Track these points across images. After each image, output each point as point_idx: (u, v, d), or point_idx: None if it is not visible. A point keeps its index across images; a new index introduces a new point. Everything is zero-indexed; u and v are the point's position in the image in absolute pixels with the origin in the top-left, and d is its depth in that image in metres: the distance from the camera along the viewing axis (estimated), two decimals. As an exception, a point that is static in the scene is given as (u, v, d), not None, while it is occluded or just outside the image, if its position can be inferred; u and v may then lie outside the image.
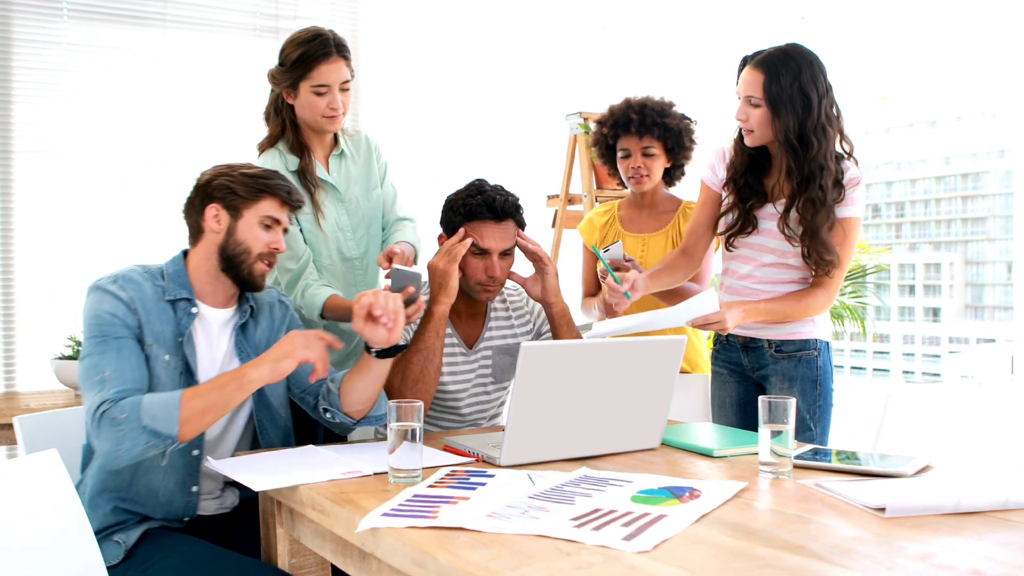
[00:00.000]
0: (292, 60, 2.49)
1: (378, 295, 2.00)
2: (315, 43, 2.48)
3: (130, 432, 1.83)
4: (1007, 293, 41.55)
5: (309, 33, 2.52)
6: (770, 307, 2.41)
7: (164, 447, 1.86)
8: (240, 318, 2.16)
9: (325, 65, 2.48)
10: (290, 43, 2.53)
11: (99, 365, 1.92)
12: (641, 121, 2.89)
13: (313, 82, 2.49)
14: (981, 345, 35.37)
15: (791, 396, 2.44)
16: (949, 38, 4.41)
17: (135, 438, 1.84)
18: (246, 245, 2.09)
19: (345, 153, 2.68)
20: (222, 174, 2.12)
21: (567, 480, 1.76)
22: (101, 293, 2.01)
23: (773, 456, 1.79)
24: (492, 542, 1.37)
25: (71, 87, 3.57)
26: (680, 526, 1.45)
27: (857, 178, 2.40)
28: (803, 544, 1.37)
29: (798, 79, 2.31)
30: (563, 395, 1.90)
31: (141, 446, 1.84)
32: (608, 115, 2.97)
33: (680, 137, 2.92)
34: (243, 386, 1.92)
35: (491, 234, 2.38)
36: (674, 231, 2.96)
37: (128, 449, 1.84)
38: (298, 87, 2.51)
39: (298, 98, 2.53)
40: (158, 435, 1.84)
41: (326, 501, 1.66)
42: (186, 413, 1.87)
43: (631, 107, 2.93)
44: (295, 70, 2.49)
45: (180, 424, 1.86)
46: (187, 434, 1.88)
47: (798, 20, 4.47)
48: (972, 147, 43.64)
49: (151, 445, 1.85)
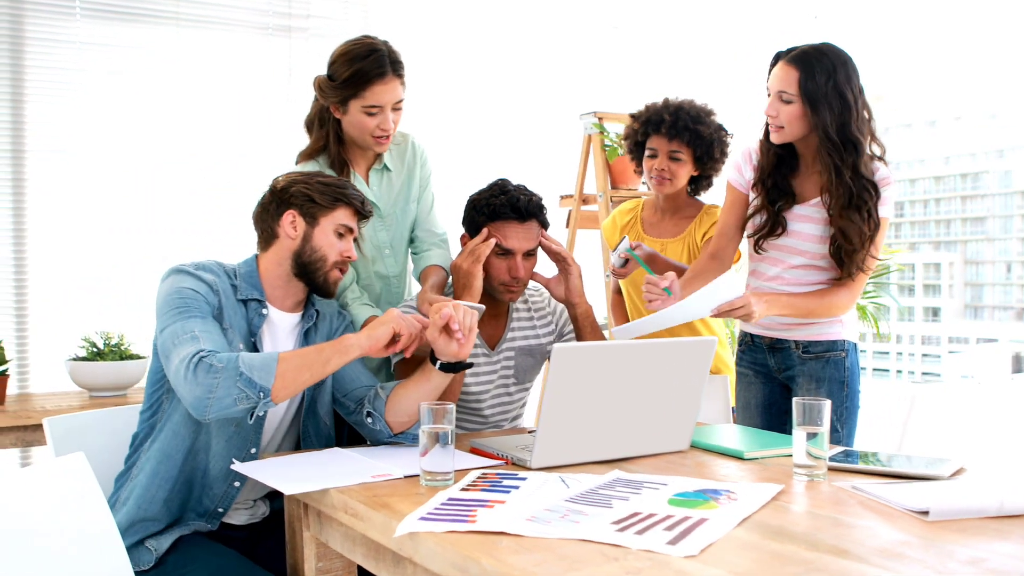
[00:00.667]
0: (344, 77, 2.32)
1: (457, 308, 1.97)
2: (370, 61, 2.32)
3: (225, 380, 1.83)
4: (1007, 293, 41.62)
5: (363, 48, 2.34)
6: (793, 301, 2.38)
7: (255, 401, 1.85)
8: (306, 323, 2.17)
9: (379, 85, 2.33)
10: (342, 56, 2.35)
11: (186, 327, 1.92)
12: (673, 123, 2.83)
13: (365, 102, 2.34)
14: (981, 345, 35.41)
15: (819, 397, 2.44)
16: (947, 38, 4.41)
17: (229, 387, 1.83)
18: (322, 253, 2.11)
19: (388, 167, 2.57)
20: (299, 181, 2.14)
21: (601, 483, 1.74)
22: (183, 274, 2.03)
23: (809, 458, 1.78)
24: (535, 547, 1.36)
25: (83, 86, 3.55)
26: (723, 530, 1.43)
27: (887, 178, 2.38)
28: (848, 548, 1.36)
29: (833, 77, 2.29)
30: (594, 397, 1.88)
31: (233, 396, 1.84)
32: (643, 112, 2.93)
33: (711, 147, 2.86)
34: (341, 350, 1.93)
35: (515, 234, 2.36)
36: (691, 237, 2.91)
37: (220, 398, 1.83)
38: (348, 104, 2.36)
39: (347, 115, 2.38)
40: (253, 385, 1.84)
41: (359, 505, 1.64)
42: (283, 367, 1.87)
43: (666, 107, 2.87)
44: (346, 88, 2.33)
45: (277, 377, 1.86)
46: (280, 391, 1.87)
47: (809, 19, 4.45)
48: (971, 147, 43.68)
49: (243, 396, 1.84)
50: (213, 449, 2.04)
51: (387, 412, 2.09)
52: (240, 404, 1.85)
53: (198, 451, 2.04)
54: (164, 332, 1.95)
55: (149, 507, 2.00)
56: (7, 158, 3.45)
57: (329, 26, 3.91)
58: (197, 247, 3.65)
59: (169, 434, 2.03)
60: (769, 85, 2.39)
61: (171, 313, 1.96)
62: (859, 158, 2.31)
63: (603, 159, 3.72)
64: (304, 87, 3.81)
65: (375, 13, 4.00)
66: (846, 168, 2.31)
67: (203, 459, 2.05)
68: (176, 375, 1.87)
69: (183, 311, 1.96)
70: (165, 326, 1.96)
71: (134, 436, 2.13)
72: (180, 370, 1.86)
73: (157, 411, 2.08)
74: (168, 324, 1.95)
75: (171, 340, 1.92)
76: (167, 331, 1.94)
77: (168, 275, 2.06)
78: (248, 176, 3.83)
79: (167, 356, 1.92)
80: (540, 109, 4.33)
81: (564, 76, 4.39)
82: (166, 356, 1.93)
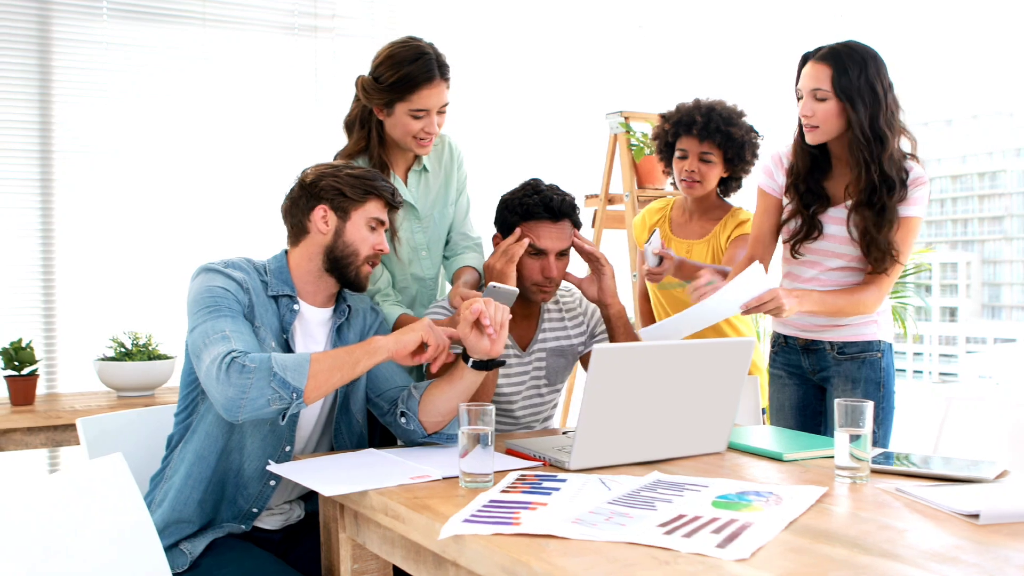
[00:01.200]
0: (391, 81, 2.31)
1: (488, 304, 1.96)
2: (418, 65, 2.31)
3: (258, 381, 1.81)
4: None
5: (411, 51, 2.33)
6: (823, 298, 2.35)
7: (288, 402, 1.84)
8: (338, 319, 2.16)
9: (427, 89, 2.32)
10: (389, 59, 2.33)
11: (216, 327, 1.91)
12: (704, 125, 2.79)
13: (412, 106, 2.33)
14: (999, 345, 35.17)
15: (854, 398, 2.41)
16: (964, 36, 4.37)
17: (262, 388, 1.81)
18: (354, 247, 2.09)
19: (427, 168, 2.55)
20: (328, 175, 2.11)
21: (642, 485, 1.72)
22: (213, 273, 2.02)
23: (852, 460, 1.75)
24: (584, 550, 1.34)
25: (110, 86, 3.56)
26: (771, 533, 1.42)
27: (921, 177, 2.36)
28: (899, 552, 1.34)
29: (865, 72, 2.28)
30: (633, 398, 1.87)
31: (267, 396, 1.82)
32: (674, 112, 2.88)
33: (742, 149, 2.82)
34: (370, 351, 1.92)
35: (548, 234, 2.35)
36: (715, 240, 2.87)
37: (253, 399, 1.82)
38: (393, 107, 2.35)
39: (391, 117, 2.37)
40: (286, 386, 1.82)
41: (400, 507, 1.63)
42: (316, 368, 1.86)
43: (698, 108, 2.83)
44: (393, 91, 2.32)
45: (309, 378, 1.84)
46: (312, 391, 1.86)
47: (834, 17, 4.42)
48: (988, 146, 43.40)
49: (276, 397, 1.83)
50: (247, 449, 2.03)
51: (421, 412, 2.08)
52: (273, 405, 1.84)
53: (231, 451, 2.04)
54: (194, 331, 1.94)
55: (184, 509, 2.00)
56: (35, 158, 3.46)
57: (355, 26, 3.90)
58: (224, 246, 3.64)
59: (202, 435, 2.02)
60: (801, 86, 2.37)
61: (201, 312, 1.95)
62: (884, 152, 2.29)
63: (629, 159, 3.70)
64: (330, 87, 3.85)
65: (401, 13, 3.99)
66: (873, 163, 2.29)
67: (237, 459, 2.04)
68: (207, 375, 1.86)
69: (213, 310, 1.95)
70: (195, 325, 1.95)
71: (169, 437, 2.13)
72: (211, 370, 1.84)
73: (192, 412, 2.07)
74: (198, 323, 1.94)
75: (201, 340, 1.91)
76: (197, 330, 1.93)
77: (198, 274, 2.05)
78: (275, 175, 3.81)
79: (197, 356, 1.91)
80: (565, 108, 4.31)
81: (589, 75, 4.37)
82: (196, 356, 1.92)
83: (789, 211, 2.48)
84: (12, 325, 3.41)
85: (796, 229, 2.45)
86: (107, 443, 2.19)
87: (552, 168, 4.06)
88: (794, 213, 2.46)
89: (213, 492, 2.03)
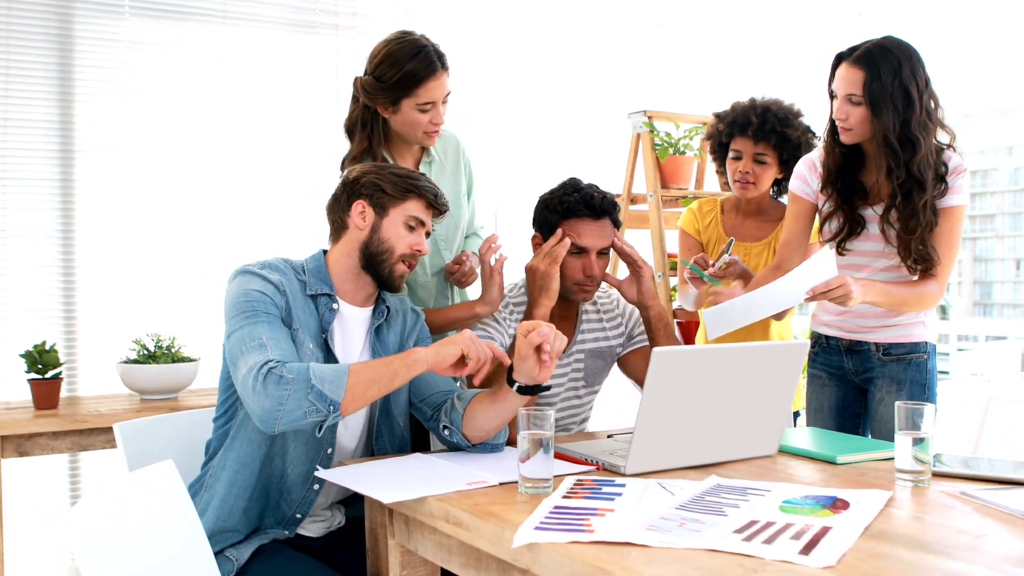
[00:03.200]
0: (395, 79, 2.30)
1: (553, 330, 1.90)
2: (419, 60, 2.30)
3: (295, 393, 1.78)
4: (1016, 290, 41.49)
5: (410, 47, 2.32)
6: (887, 289, 2.31)
7: (325, 414, 1.81)
8: (377, 319, 2.13)
9: (432, 82, 2.32)
10: (388, 58, 2.32)
11: (253, 334, 1.87)
12: (760, 126, 2.74)
13: (419, 100, 2.32)
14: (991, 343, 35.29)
15: (898, 399, 2.39)
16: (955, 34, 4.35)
17: (299, 400, 1.78)
18: (390, 244, 2.06)
19: (435, 159, 2.54)
20: (371, 171, 2.10)
21: (704, 489, 1.70)
22: (249, 276, 1.98)
23: (916, 463, 1.73)
24: (666, 557, 1.32)
25: (132, 85, 3.51)
26: (850, 539, 1.39)
27: (961, 166, 2.34)
28: (982, 558, 1.32)
29: (899, 75, 2.25)
30: (689, 400, 1.85)
31: (303, 409, 1.79)
32: (729, 112, 2.83)
33: (798, 150, 2.74)
34: (409, 364, 1.88)
35: (589, 232, 2.33)
36: (775, 242, 2.82)
37: (290, 411, 1.78)
38: (400, 104, 2.34)
39: (397, 114, 2.36)
40: (323, 399, 1.79)
41: (463, 514, 1.60)
42: (353, 380, 1.83)
43: (753, 108, 2.77)
44: (398, 89, 2.31)
45: (346, 391, 1.81)
46: (350, 404, 1.83)
47: (853, 16, 4.41)
48: (980, 144, 43.55)
49: (313, 410, 1.79)
50: (290, 454, 2.00)
51: (464, 427, 2.04)
52: (310, 417, 1.80)
53: (274, 456, 2.01)
54: (231, 337, 1.91)
55: (228, 518, 1.97)
56: (56, 158, 3.41)
57: (375, 24, 3.87)
58: (246, 245, 3.62)
59: (244, 441, 1.99)
60: (835, 87, 2.34)
61: (238, 317, 1.92)
62: (915, 156, 2.26)
63: (653, 158, 3.68)
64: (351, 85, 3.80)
65: (419, 11, 3.95)
66: (898, 169, 2.26)
67: (279, 464, 2.01)
68: (244, 385, 1.83)
69: (250, 316, 1.91)
70: (232, 331, 1.91)
71: (207, 443, 2.10)
72: (248, 380, 1.81)
73: (231, 417, 2.04)
74: (235, 329, 1.91)
75: (238, 347, 1.87)
76: (234, 336, 1.90)
77: (234, 276, 2.02)
78: (297, 174, 3.80)
79: (234, 363, 1.88)
80: (584, 108, 4.28)
81: (607, 75, 4.34)
82: (233, 363, 1.88)
83: (827, 210, 2.46)
84: (33, 327, 3.37)
85: (839, 227, 2.42)
86: (141, 448, 2.16)
87: (572, 168, 4.03)
88: (834, 210, 2.43)
89: (258, 499, 2.00)
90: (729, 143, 2.82)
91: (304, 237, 3.70)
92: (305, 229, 3.73)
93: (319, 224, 3.68)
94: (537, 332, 1.88)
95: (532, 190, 3.91)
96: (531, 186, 3.92)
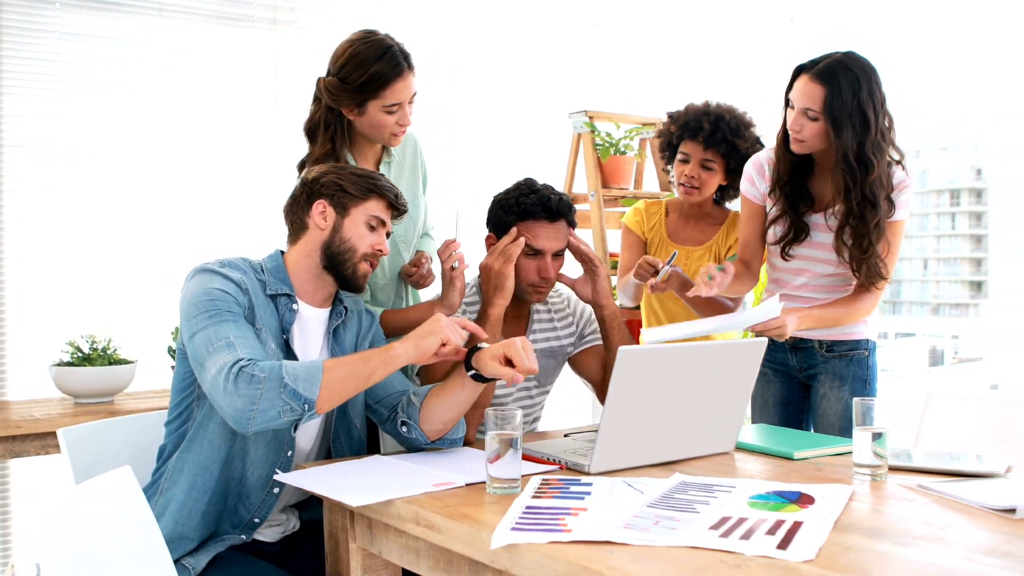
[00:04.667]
0: (361, 80, 2.25)
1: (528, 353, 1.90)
2: (385, 61, 2.25)
3: (268, 392, 1.74)
4: (924, 289, 42.99)
5: (376, 47, 2.26)
6: (822, 314, 2.38)
7: (300, 413, 1.77)
8: (335, 320, 2.10)
9: (399, 83, 2.27)
10: (352, 59, 2.26)
11: (219, 333, 1.82)
12: (712, 133, 2.73)
13: (385, 102, 2.27)
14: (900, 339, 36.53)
15: (840, 395, 2.46)
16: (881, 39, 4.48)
17: (272, 399, 1.74)
18: (352, 243, 2.03)
19: (395, 159, 2.51)
20: (331, 172, 2.07)
21: (670, 487, 1.72)
22: (210, 274, 1.93)
23: (876, 458, 1.78)
24: (650, 556, 1.32)
25: (63, 78, 3.37)
26: (823, 532, 1.42)
27: (904, 181, 2.39)
28: (953, 549, 1.35)
29: (857, 95, 2.26)
30: (653, 399, 1.86)
31: (277, 408, 1.75)
32: (682, 113, 2.82)
33: (745, 160, 2.72)
34: (387, 360, 1.85)
35: (545, 234, 2.33)
36: (716, 246, 2.85)
37: (263, 411, 1.74)
38: (365, 105, 2.28)
39: (363, 116, 2.31)
40: (297, 397, 1.75)
41: (435, 516, 1.58)
42: (328, 378, 1.79)
43: (707, 114, 2.76)
44: (364, 90, 2.25)
45: (321, 388, 1.77)
46: (325, 402, 1.79)
47: (786, 21, 4.50)
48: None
49: (287, 409, 1.76)
50: (251, 456, 1.96)
51: (422, 420, 2.03)
52: (284, 416, 1.77)
53: (234, 459, 1.96)
54: (196, 338, 1.85)
55: (187, 522, 1.91)
56: (-20, 153, 3.27)
57: (314, 20, 3.80)
58: (182, 245, 3.52)
59: (204, 444, 1.94)
60: (792, 98, 2.35)
61: (201, 317, 1.87)
62: (868, 177, 2.29)
63: (595, 158, 3.70)
64: (289, 82, 3.74)
65: (358, 9, 3.89)
66: (855, 189, 2.30)
67: (239, 467, 1.96)
68: (214, 385, 1.78)
69: (214, 315, 1.86)
70: (196, 331, 1.86)
71: (160, 448, 2.03)
72: (219, 380, 1.76)
73: (187, 420, 1.99)
74: (199, 329, 1.86)
75: (205, 347, 1.83)
76: (199, 337, 1.85)
77: (193, 275, 1.96)
78: (233, 172, 3.70)
79: (201, 364, 1.83)
80: (523, 107, 4.27)
81: (544, 75, 4.34)
82: (200, 364, 1.83)
83: (773, 215, 2.50)
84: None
85: (784, 232, 2.47)
86: (87, 454, 2.09)
87: (512, 167, 4.03)
88: (780, 215, 2.48)
89: (216, 503, 1.95)
90: (678, 145, 2.82)
91: (241, 234, 3.63)
92: (242, 226, 3.65)
93: (256, 221, 3.64)
94: (514, 347, 1.89)
95: (473, 189, 3.92)
96: (472, 185, 3.92)
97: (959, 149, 30.79)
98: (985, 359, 7.80)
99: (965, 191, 34.13)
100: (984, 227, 34.60)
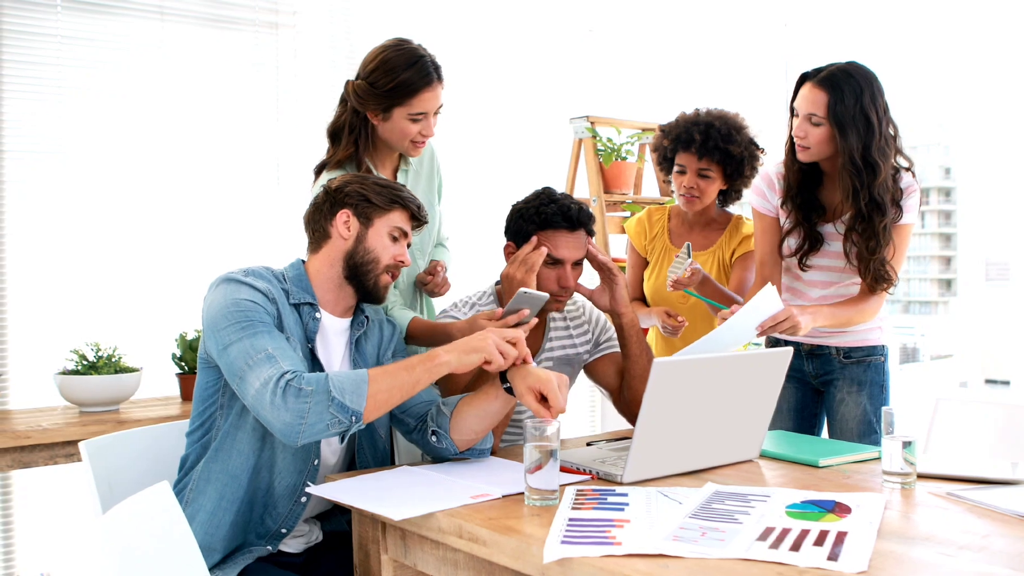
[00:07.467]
0: (390, 86, 2.27)
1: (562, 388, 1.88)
2: (415, 69, 2.28)
3: (316, 405, 1.74)
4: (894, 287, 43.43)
5: (408, 56, 2.30)
6: (834, 312, 2.41)
7: (348, 425, 1.77)
8: (357, 330, 2.10)
9: (427, 93, 2.30)
10: (384, 65, 2.29)
11: (256, 346, 1.82)
12: (703, 143, 2.75)
13: (412, 110, 2.30)
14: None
15: (859, 400, 2.49)
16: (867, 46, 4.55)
17: (320, 412, 1.75)
18: (375, 254, 2.03)
19: (412, 168, 2.52)
20: (354, 181, 2.07)
21: (707, 497, 1.73)
22: (236, 284, 1.92)
23: (906, 465, 1.80)
24: (705, 568, 1.34)
25: (65, 82, 3.34)
26: (868, 542, 1.44)
27: (912, 186, 2.43)
28: (999, 558, 1.38)
29: (860, 100, 2.31)
30: (684, 409, 1.88)
31: (326, 421, 1.75)
32: (673, 126, 2.84)
33: (741, 165, 2.79)
34: (432, 368, 1.85)
35: (566, 244, 2.33)
36: (720, 251, 2.87)
37: (312, 424, 1.75)
38: (391, 112, 2.31)
39: (388, 122, 2.33)
40: (345, 410, 1.76)
41: (480, 529, 1.58)
42: (374, 389, 1.79)
43: (696, 124, 2.78)
44: (392, 96, 2.28)
45: (368, 399, 1.78)
46: (371, 412, 1.80)
47: (780, 26, 4.54)
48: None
49: (335, 422, 1.76)
50: (278, 466, 1.96)
51: (452, 430, 2.03)
52: (332, 429, 1.77)
53: (262, 469, 1.95)
54: (230, 350, 1.84)
55: (216, 532, 1.90)
56: (-19, 159, 3.23)
57: (315, 24, 3.78)
58: (187, 250, 3.50)
59: (232, 453, 1.93)
60: (796, 106, 2.39)
61: (233, 328, 1.86)
62: (875, 180, 2.33)
63: (596, 163, 3.72)
64: (290, 85, 3.72)
65: (357, 12, 3.87)
66: (862, 191, 2.34)
67: (266, 477, 1.96)
68: (258, 399, 1.78)
69: (247, 326, 1.86)
70: (229, 343, 1.85)
71: (183, 458, 2.02)
72: (264, 394, 1.76)
73: (210, 429, 1.98)
74: (233, 341, 1.85)
75: (243, 360, 1.82)
76: (234, 349, 1.84)
77: (218, 284, 1.95)
78: (239, 176, 3.68)
79: (240, 377, 1.82)
80: (524, 113, 4.27)
81: (544, 81, 4.34)
82: (239, 377, 1.82)
83: (789, 225, 2.53)
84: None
85: (799, 243, 2.50)
86: (108, 465, 2.07)
87: (513, 173, 4.04)
88: (794, 226, 2.50)
89: (243, 513, 1.95)
90: (673, 158, 2.84)
91: (246, 239, 3.62)
92: (246, 231, 3.64)
93: (260, 225, 3.61)
94: (548, 383, 1.86)
95: (475, 194, 3.93)
96: (474, 190, 3.93)
97: (928, 148, 31.21)
98: (954, 356, 7.90)
99: (934, 190, 34.53)
100: (953, 225, 34.99)
